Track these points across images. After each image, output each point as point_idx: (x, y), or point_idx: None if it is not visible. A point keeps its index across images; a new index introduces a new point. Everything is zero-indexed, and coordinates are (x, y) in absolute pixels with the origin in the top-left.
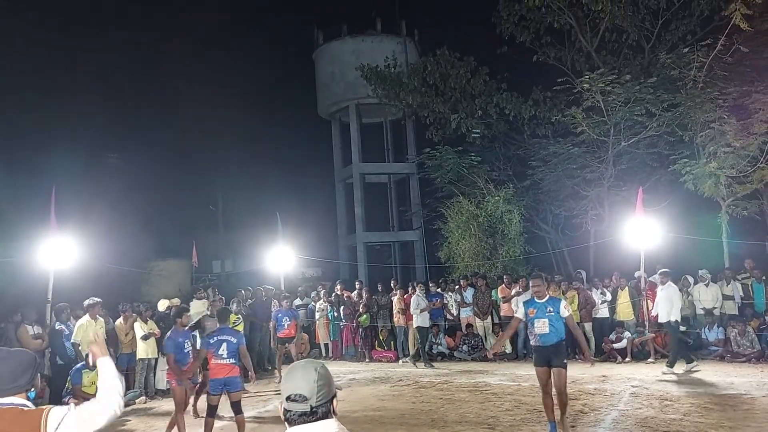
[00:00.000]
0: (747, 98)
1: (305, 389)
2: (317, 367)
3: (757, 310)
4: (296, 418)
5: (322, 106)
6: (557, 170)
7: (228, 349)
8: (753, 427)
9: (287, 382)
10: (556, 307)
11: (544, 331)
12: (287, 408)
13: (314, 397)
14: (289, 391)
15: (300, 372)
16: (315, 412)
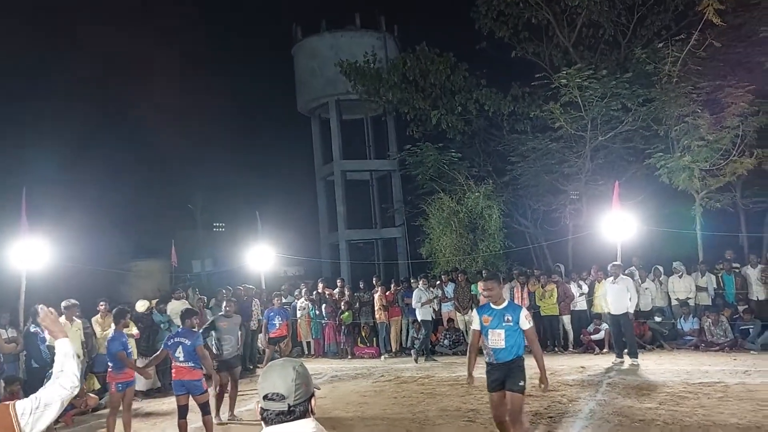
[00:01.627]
0: (720, 92)
1: (283, 388)
2: (295, 365)
3: (729, 300)
4: (273, 417)
5: (302, 102)
6: (536, 165)
7: (184, 352)
8: (726, 413)
9: (264, 381)
10: (516, 316)
11: (499, 345)
12: (264, 407)
13: (292, 396)
14: (267, 390)
15: (277, 371)
16: (293, 411)
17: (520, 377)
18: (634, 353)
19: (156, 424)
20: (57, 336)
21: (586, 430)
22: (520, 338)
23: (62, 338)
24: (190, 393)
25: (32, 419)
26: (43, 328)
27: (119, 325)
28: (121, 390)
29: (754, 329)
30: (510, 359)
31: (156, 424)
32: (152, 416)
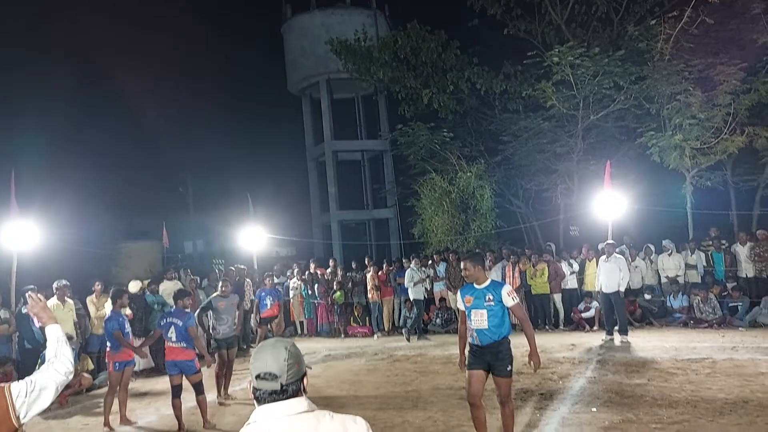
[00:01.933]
0: (712, 70)
1: (275, 367)
2: (287, 345)
3: (718, 277)
4: (266, 396)
5: (292, 82)
6: (528, 145)
7: (176, 332)
8: (714, 389)
9: (257, 360)
10: (498, 294)
11: (482, 325)
12: (257, 386)
13: (284, 375)
14: (259, 370)
15: (270, 350)
16: (285, 390)
17: (508, 362)
18: (624, 331)
19: (150, 404)
20: (46, 323)
21: (577, 406)
22: (506, 318)
23: (52, 324)
24: (184, 373)
25: (27, 401)
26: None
27: (116, 304)
28: (119, 369)
29: (742, 306)
30: (495, 341)
31: (150, 404)
32: (147, 396)
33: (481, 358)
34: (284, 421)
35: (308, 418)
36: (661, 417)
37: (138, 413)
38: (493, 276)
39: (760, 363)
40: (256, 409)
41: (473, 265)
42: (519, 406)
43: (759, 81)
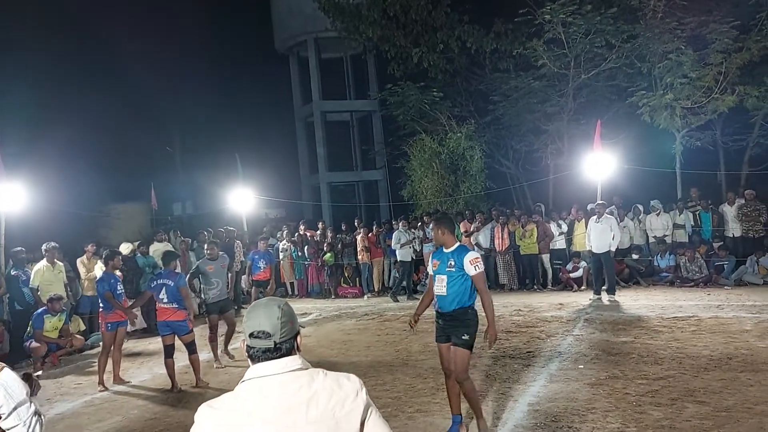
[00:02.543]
0: (704, 28)
1: (268, 326)
2: (280, 304)
3: (705, 237)
4: (260, 354)
5: (279, 41)
6: (518, 105)
7: (168, 293)
8: (699, 346)
9: (250, 319)
10: (460, 260)
11: (441, 292)
12: (251, 345)
13: (278, 334)
14: (252, 329)
15: (263, 309)
16: (279, 348)
17: (464, 330)
18: (612, 290)
19: (143, 364)
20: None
21: (564, 363)
22: (467, 286)
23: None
24: (176, 333)
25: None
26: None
27: (108, 266)
28: (111, 329)
29: (728, 265)
30: (452, 309)
31: (143, 364)
32: (140, 356)
33: (442, 329)
34: (277, 378)
35: (302, 376)
36: (647, 373)
37: (131, 373)
38: (482, 237)
39: (744, 320)
40: (250, 367)
41: (440, 229)
42: (507, 363)
43: (751, 39)
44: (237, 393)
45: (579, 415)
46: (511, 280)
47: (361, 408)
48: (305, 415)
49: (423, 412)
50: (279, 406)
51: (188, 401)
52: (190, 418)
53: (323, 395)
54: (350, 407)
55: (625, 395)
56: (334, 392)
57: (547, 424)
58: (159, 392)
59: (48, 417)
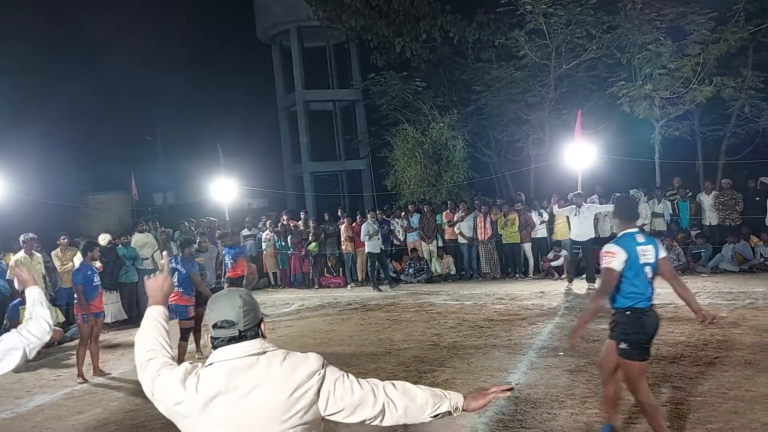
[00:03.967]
0: (683, 19)
1: (232, 315)
2: (241, 294)
3: (683, 225)
4: (224, 344)
5: (261, 29)
6: (500, 95)
7: (178, 278)
8: (676, 332)
9: (213, 311)
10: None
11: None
12: (215, 335)
13: (241, 322)
14: (216, 319)
15: (225, 300)
16: (243, 335)
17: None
18: (591, 278)
19: (124, 355)
20: (27, 284)
21: (544, 351)
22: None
23: (32, 286)
24: (177, 316)
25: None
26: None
27: (86, 257)
28: (86, 321)
29: (705, 253)
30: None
31: (124, 355)
32: (120, 347)
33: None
34: (238, 362)
35: (261, 359)
36: None
37: (111, 364)
38: (465, 226)
39: (720, 307)
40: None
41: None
42: (489, 351)
43: (728, 31)
44: (200, 376)
45: (558, 401)
46: (493, 269)
47: (315, 388)
48: (261, 397)
49: None
50: (236, 388)
51: None
52: None
53: (277, 378)
54: (304, 389)
55: None
56: (287, 375)
57: (527, 411)
58: (140, 384)
59: (27, 409)
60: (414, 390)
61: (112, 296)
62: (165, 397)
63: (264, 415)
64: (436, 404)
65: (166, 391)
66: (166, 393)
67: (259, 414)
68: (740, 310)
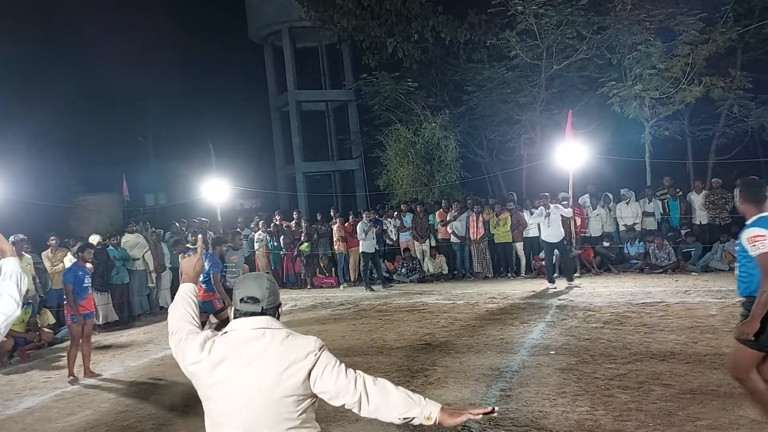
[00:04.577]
0: (672, 20)
1: (258, 293)
2: (269, 277)
3: (673, 225)
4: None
5: (254, 30)
6: (492, 95)
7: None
8: (666, 330)
9: (242, 288)
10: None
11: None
12: (239, 309)
13: (265, 300)
14: (243, 294)
15: (254, 280)
16: (264, 312)
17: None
18: (569, 276)
19: (115, 356)
20: (5, 254)
21: (536, 349)
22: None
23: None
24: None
25: None
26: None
27: (79, 258)
28: (76, 322)
29: (695, 252)
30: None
31: (115, 356)
32: (111, 348)
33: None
34: (246, 333)
35: (266, 334)
36: (615, 358)
37: (102, 366)
38: (458, 225)
39: (710, 306)
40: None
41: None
42: (481, 350)
43: (717, 31)
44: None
45: (549, 399)
46: (485, 269)
47: (306, 369)
48: (257, 366)
49: None
50: (240, 356)
51: (160, 394)
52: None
53: (275, 353)
54: (296, 368)
55: (594, 379)
56: (283, 353)
57: (519, 409)
58: (131, 385)
59: (17, 411)
60: (390, 390)
61: (103, 297)
62: (185, 357)
63: (257, 384)
64: (407, 409)
65: (187, 352)
66: (186, 354)
67: (254, 382)
68: (730, 309)
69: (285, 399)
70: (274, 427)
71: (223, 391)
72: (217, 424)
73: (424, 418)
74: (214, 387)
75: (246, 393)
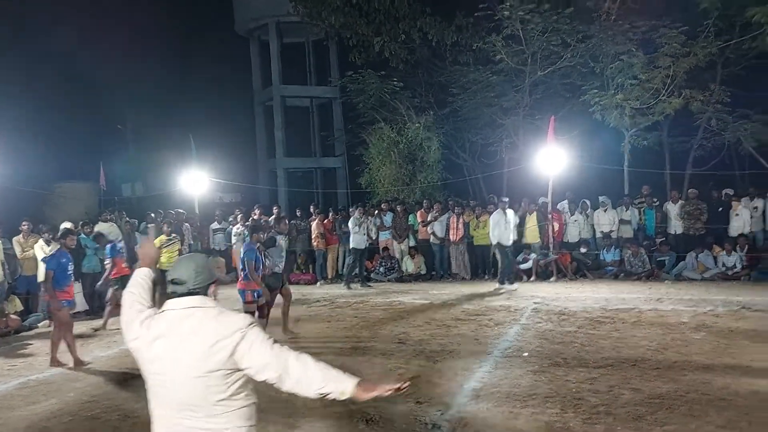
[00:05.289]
0: (655, 32)
1: (184, 275)
2: (197, 258)
3: (648, 233)
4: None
5: (240, 23)
6: (476, 98)
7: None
8: (638, 336)
9: (173, 270)
10: None
11: None
12: (170, 290)
13: (191, 281)
14: (171, 276)
15: (182, 262)
16: (191, 292)
17: None
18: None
19: (83, 346)
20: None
21: (509, 351)
22: None
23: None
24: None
25: None
26: None
27: (62, 245)
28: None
29: (669, 261)
30: None
31: (83, 346)
32: (80, 338)
33: None
34: (179, 312)
35: (197, 312)
36: (587, 361)
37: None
38: (438, 226)
39: (682, 313)
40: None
41: None
42: (455, 350)
43: (698, 45)
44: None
45: (521, 400)
46: (463, 270)
47: (232, 345)
48: (188, 342)
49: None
50: (173, 333)
51: (127, 385)
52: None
53: (204, 330)
54: (223, 344)
55: (565, 382)
56: (212, 330)
57: (489, 409)
58: (98, 375)
59: None
60: (310, 365)
61: (75, 286)
62: (128, 333)
63: (189, 358)
64: (324, 384)
65: (129, 329)
66: (129, 330)
67: (185, 357)
68: (701, 317)
69: (214, 373)
70: (205, 399)
71: (160, 367)
72: (157, 399)
73: (339, 393)
74: (153, 362)
75: (179, 368)
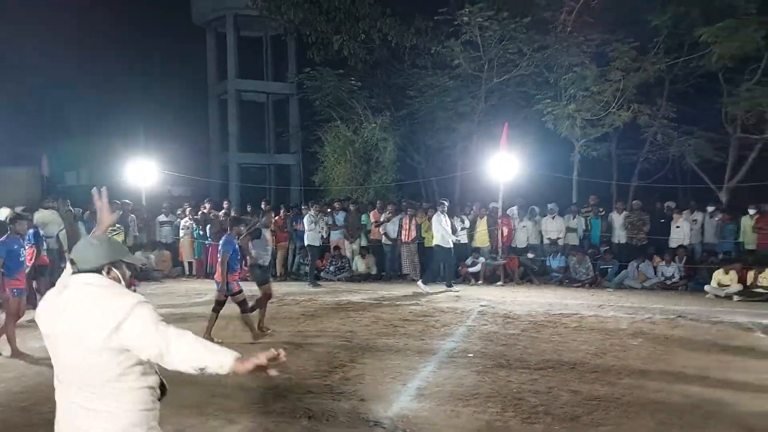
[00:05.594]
0: (608, 46)
1: (75, 256)
2: (92, 240)
3: (593, 242)
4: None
5: (197, 13)
6: (432, 102)
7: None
8: (579, 341)
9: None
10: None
11: None
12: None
13: (81, 262)
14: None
15: (79, 244)
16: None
17: None
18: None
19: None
20: None
21: (455, 352)
22: None
23: None
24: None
25: None
26: None
27: (12, 230)
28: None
29: (612, 269)
30: None
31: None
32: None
33: None
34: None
35: (82, 289)
36: (529, 363)
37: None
38: (390, 227)
39: (621, 320)
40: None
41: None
42: (401, 349)
43: (648, 61)
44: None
45: (463, 399)
46: (413, 271)
47: (115, 322)
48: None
49: (312, 394)
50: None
51: None
52: None
53: (93, 308)
54: (109, 318)
55: (507, 383)
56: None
57: (432, 408)
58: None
59: None
60: (189, 341)
61: None
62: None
63: (77, 332)
64: (202, 359)
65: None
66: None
67: (73, 334)
68: (639, 324)
69: (101, 351)
70: (95, 378)
71: (53, 343)
72: (56, 376)
73: (217, 367)
74: (48, 338)
75: (69, 345)
